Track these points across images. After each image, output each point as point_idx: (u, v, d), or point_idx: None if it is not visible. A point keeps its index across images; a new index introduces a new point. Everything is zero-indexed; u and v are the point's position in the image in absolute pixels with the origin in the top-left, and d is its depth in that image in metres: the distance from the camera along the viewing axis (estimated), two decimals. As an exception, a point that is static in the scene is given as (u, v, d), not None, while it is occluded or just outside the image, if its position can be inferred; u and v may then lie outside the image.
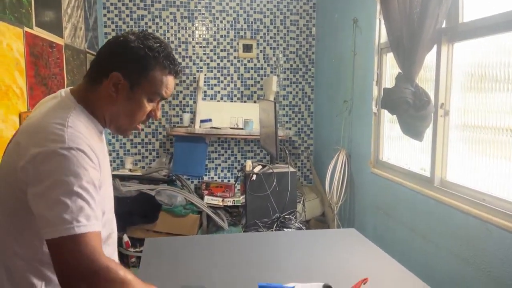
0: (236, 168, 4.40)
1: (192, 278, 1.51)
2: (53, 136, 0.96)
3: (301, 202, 3.52)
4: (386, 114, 2.96)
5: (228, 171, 4.42)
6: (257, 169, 3.12)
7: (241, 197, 3.91)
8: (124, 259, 3.55)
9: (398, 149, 2.86)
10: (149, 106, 1.13)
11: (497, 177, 1.93)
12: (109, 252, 1.20)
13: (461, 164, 2.20)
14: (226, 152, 4.40)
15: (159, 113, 1.17)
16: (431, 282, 1.46)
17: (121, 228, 3.59)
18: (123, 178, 3.78)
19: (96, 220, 0.95)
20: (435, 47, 2.24)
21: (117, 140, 4.17)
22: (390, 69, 2.95)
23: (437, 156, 2.30)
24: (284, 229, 2.73)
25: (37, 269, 1.04)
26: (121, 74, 1.07)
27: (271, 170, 3.09)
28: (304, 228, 2.79)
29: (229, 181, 4.37)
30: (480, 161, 2.05)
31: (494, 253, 1.82)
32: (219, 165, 4.41)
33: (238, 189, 4.22)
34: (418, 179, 2.48)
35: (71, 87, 1.15)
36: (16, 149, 1.01)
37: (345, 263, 1.66)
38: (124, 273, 0.94)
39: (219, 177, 4.42)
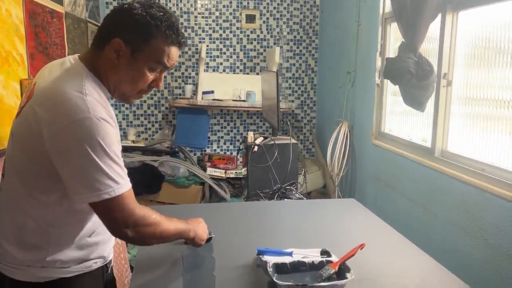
0: (238, 141, 4.41)
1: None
2: (75, 108, 0.99)
3: (303, 173, 3.54)
4: (389, 86, 2.94)
5: (231, 144, 4.44)
6: (259, 140, 3.13)
7: (243, 169, 3.93)
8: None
9: (400, 120, 2.85)
10: (151, 75, 1.13)
11: (497, 148, 1.92)
12: None
13: (462, 134, 2.19)
14: (228, 124, 4.40)
15: (161, 84, 1.18)
16: (429, 250, 1.48)
17: (125, 198, 3.64)
18: (126, 149, 3.81)
19: (127, 178, 1.06)
20: (439, 16, 2.20)
21: (119, 112, 4.18)
22: (394, 40, 2.91)
23: (439, 127, 2.29)
24: (285, 200, 2.76)
25: (47, 231, 1.08)
26: (122, 40, 1.07)
27: (272, 142, 3.09)
28: (304, 198, 2.81)
29: (231, 153, 4.39)
30: (480, 132, 2.04)
31: (491, 221, 1.84)
32: (222, 137, 4.42)
33: (241, 162, 4.24)
34: (419, 150, 2.48)
35: (78, 54, 1.15)
36: (34, 116, 1.02)
37: (343, 231, 1.68)
38: (155, 215, 1.13)
39: (221, 150, 4.43)
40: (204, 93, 3.90)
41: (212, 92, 3.94)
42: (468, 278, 1.62)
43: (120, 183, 1.03)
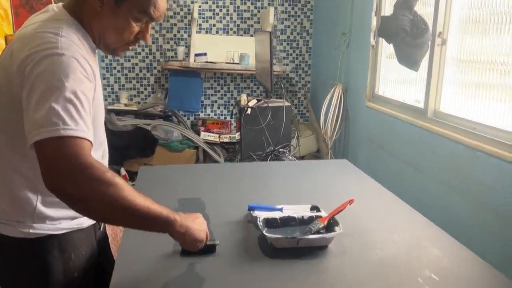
0: (232, 105, 4.38)
1: (186, 195, 1.55)
2: (46, 43, 0.93)
3: (296, 136, 3.53)
4: (384, 47, 2.90)
5: (225, 108, 4.40)
6: (252, 103, 3.10)
7: (237, 134, 3.93)
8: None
9: (394, 82, 2.83)
10: (136, 26, 1.07)
11: (489, 107, 1.92)
12: None
13: (455, 95, 2.18)
14: (222, 88, 4.35)
15: (148, 36, 1.11)
16: (419, 209, 1.49)
17: (118, 162, 3.64)
18: (118, 112, 3.78)
19: (86, 128, 0.90)
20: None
21: (111, 75, 4.11)
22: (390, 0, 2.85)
23: (432, 87, 2.28)
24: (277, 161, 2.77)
25: (33, 183, 1.05)
26: None
27: (266, 104, 3.07)
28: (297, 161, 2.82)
29: (225, 118, 4.37)
30: (473, 91, 2.03)
31: (481, 179, 1.85)
32: (215, 101, 4.38)
33: (235, 126, 4.23)
34: (412, 111, 2.48)
35: (62, 3, 1.10)
36: (10, 57, 0.98)
37: (334, 189, 1.69)
38: (112, 175, 0.88)
39: (215, 114, 4.41)
40: (196, 55, 3.83)
41: (205, 54, 3.87)
42: (456, 235, 1.65)
43: (70, 125, 0.87)
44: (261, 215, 1.32)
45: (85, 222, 1.15)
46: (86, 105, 0.93)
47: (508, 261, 1.69)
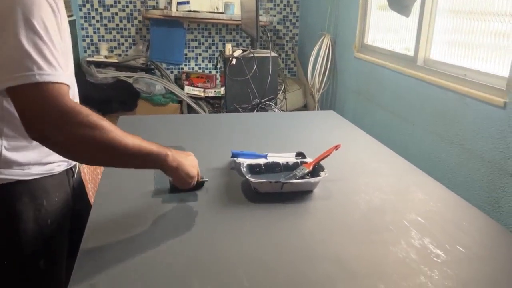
0: (217, 58, 4.25)
1: (168, 144, 1.49)
2: None
3: (282, 90, 3.46)
4: (374, -6, 2.79)
5: (209, 61, 4.27)
6: (237, 53, 3.00)
7: (222, 89, 3.83)
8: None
9: (384, 30, 2.74)
10: None
11: (480, 53, 1.87)
12: None
13: (446, 42, 2.11)
14: (206, 41, 4.20)
15: None
16: (406, 157, 1.47)
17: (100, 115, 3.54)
18: (98, 64, 3.64)
19: (61, 69, 0.85)
20: None
21: (90, 25, 3.92)
22: None
23: (422, 35, 2.21)
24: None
25: None
26: None
27: (251, 54, 2.97)
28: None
29: (210, 72, 4.25)
30: (464, 38, 1.97)
31: (468, 126, 1.83)
32: (200, 54, 4.24)
33: (220, 81, 4.12)
34: (402, 59, 2.41)
35: None
36: None
37: (320, 138, 1.65)
38: (97, 117, 0.84)
39: (200, 68, 4.28)
40: (179, 3, 3.66)
41: (188, 2, 3.70)
42: (443, 181, 1.64)
43: (45, 70, 0.83)
44: (244, 161, 1.28)
45: (56, 168, 1.09)
46: (56, 41, 0.86)
47: (493, 206, 1.70)
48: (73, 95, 1.13)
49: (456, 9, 2.02)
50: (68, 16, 3.63)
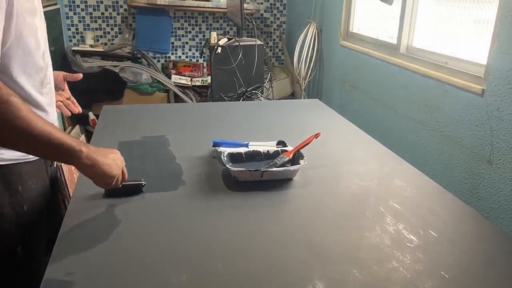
0: (203, 45, 4.22)
1: (151, 134, 1.50)
2: None
3: (268, 78, 3.46)
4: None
5: (196, 50, 4.25)
6: (223, 41, 2.99)
7: (209, 77, 3.82)
8: (91, 136, 3.54)
9: (369, 18, 2.75)
10: None
11: (461, 40, 1.89)
12: (45, 102, 1.11)
13: (428, 29, 2.13)
14: (193, 29, 4.17)
15: None
16: (389, 146, 1.49)
17: (87, 105, 3.51)
18: (84, 54, 3.59)
19: None
20: None
21: (75, 14, 3.87)
22: None
23: (405, 22, 2.22)
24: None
25: None
26: None
27: (237, 43, 2.96)
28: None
29: (197, 60, 4.22)
30: (447, 26, 1.99)
31: (449, 113, 1.86)
32: (187, 43, 4.21)
33: (207, 70, 4.10)
34: (385, 47, 2.43)
35: None
36: None
37: (303, 126, 1.67)
38: (6, 93, 0.78)
39: (187, 57, 4.25)
40: (164, -9, 3.62)
41: (174, -9, 3.66)
42: (422, 168, 1.67)
43: None
44: (225, 150, 1.29)
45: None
46: None
47: (471, 192, 1.74)
48: (44, 77, 1.11)
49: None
50: (52, 5, 3.57)
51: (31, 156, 1.07)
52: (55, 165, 1.21)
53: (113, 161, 0.96)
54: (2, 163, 1.02)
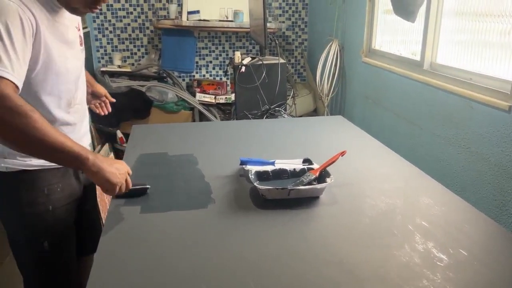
0: (227, 65, 4.30)
1: (179, 152, 1.54)
2: None
3: (291, 95, 3.49)
4: (381, 0, 2.81)
5: (220, 69, 4.33)
6: (246, 60, 3.05)
7: (233, 95, 3.88)
8: (119, 154, 3.63)
9: (391, 36, 2.76)
10: None
11: (486, 57, 1.88)
12: (71, 120, 1.23)
13: (452, 45, 2.13)
14: (217, 48, 4.27)
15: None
16: (414, 162, 1.49)
17: (114, 124, 3.62)
18: (112, 74, 3.72)
19: (11, 69, 0.94)
20: None
21: (103, 36, 4.02)
22: None
23: (428, 39, 2.22)
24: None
25: None
26: None
27: (260, 62, 3.01)
28: (293, 118, 2.80)
29: (221, 79, 4.30)
30: (470, 42, 1.98)
31: (475, 129, 1.84)
32: (210, 62, 4.30)
33: (230, 88, 4.18)
34: (408, 64, 2.43)
35: None
36: None
37: (327, 144, 1.68)
38: (29, 108, 0.94)
39: (210, 75, 4.34)
40: (189, 13, 3.73)
41: (198, 12, 3.76)
42: (450, 186, 1.66)
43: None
44: (252, 168, 1.32)
45: None
46: (18, 47, 0.96)
47: (500, 209, 1.71)
48: (71, 97, 1.23)
49: (462, 10, 2.03)
50: (83, 28, 3.72)
51: (55, 165, 1.17)
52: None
53: (116, 170, 1.07)
54: (30, 168, 1.15)
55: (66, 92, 1.19)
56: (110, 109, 1.59)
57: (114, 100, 1.59)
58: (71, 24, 1.19)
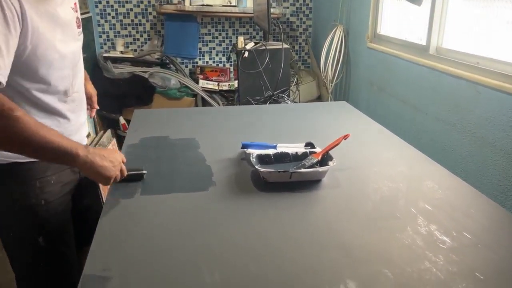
0: (230, 50, 4.26)
1: (181, 136, 1.53)
2: None
3: (295, 81, 3.46)
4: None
5: (223, 55, 4.29)
6: (250, 45, 3.01)
7: (236, 82, 3.85)
8: (122, 140, 3.62)
9: (397, 20, 2.72)
10: None
11: (493, 40, 1.84)
12: (68, 109, 1.17)
13: (458, 30, 2.09)
14: (220, 34, 4.22)
15: None
16: (418, 147, 1.47)
17: (117, 110, 3.61)
18: (114, 60, 3.69)
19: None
20: None
21: (106, 21, 3.99)
22: None
23: (435, 23, 2.18)
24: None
25: None
26: None
27: (263, 47, 2.98)
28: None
29: (224, 65, 4.27)
30: (477, 26, 1.94)
31: (481, 114, 1.81)
32: (214, 48, 4.26)
33: (234, 74, 4.14)
34: (414, 48, 2.39)
35: None
36: None
37: (331, 128, 1.67)
38: (13, 108, 0.89)
39: (214, 62, 4.31)
40: (192, -2, 3.69)
41: (201, -3, 3.72)
42: (454, 170, 1.64)
43: None
44: (254, 152, 1.31)
45: None
46: (1, 37, 0.89)
47: (505, 194, 1.69)
48: (69, 85, 1.17)
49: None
50: (85, 13, 3.69)
51: None
52: None
53: (110, 162, 1.04)
54: (21, 160, 1.09)
55: (62, 79, 1.12)
56: (93, 115, 1.49)
57: (98, 108, 1.49)
58: (65, 3, 1.10)
